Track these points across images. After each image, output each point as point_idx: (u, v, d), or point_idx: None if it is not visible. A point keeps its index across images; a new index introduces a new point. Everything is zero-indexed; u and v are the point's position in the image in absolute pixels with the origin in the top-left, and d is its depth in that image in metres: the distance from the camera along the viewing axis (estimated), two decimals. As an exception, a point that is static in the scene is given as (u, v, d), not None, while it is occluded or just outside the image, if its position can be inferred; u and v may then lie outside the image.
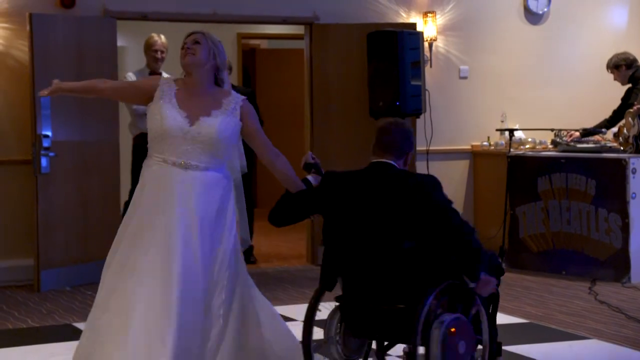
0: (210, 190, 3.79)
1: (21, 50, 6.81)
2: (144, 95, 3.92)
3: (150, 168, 3.85)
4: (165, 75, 7.65)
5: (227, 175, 3.90)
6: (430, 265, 3.69)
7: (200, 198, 3.75)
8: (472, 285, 3.69)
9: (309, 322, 3.82)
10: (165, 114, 3.80)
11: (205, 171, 3.80)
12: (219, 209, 3.80)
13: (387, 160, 3.82)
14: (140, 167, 3.94)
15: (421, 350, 3.63)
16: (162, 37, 7.58)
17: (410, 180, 3.73)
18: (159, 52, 7.51)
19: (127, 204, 7.41)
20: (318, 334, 3.86)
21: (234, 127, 3.85)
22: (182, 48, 3.88)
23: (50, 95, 4.01)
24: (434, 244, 3.69)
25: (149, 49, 7.55)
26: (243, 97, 3.95)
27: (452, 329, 3.60)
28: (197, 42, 3.86)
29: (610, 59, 7.61)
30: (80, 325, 5.50)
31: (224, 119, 3.81)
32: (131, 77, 7.53)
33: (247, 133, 3.92)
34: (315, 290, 3.90)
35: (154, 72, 7.58)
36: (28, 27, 6.61)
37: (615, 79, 7.61)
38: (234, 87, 7.62)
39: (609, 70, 7.62)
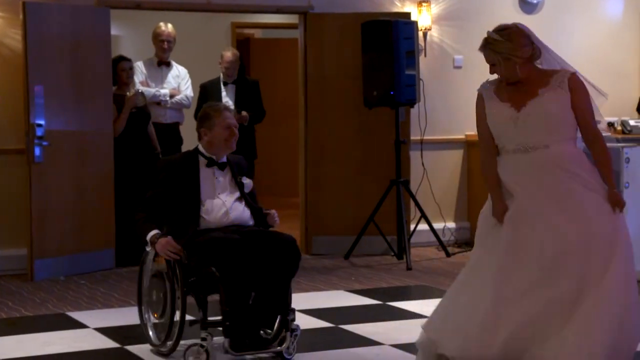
0: None
1: (14, 39, 6.79)
2: None
3: None
4: (175, 65, 7.65)
5: None
6: None
7: None
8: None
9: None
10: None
11: None
12: None
13: None
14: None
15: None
16: (170, 26, 7.54)
17: None
18: (165, 42, 7.49)
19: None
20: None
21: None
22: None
23: None
24: None
25: (156, 38, 7.53)
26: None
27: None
28: (493, 65, 3.94)
29: None
30: (74, 315, 5.51)
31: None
32: (141, 67, 7.52)
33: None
34: None
35: (162, 61, 7.56)
36: (21, 16, 6.58)
37: None
38: (240, 78, 7.75)
39: None
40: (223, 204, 4.54)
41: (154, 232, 4.45)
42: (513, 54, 3.88)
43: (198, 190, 4.53)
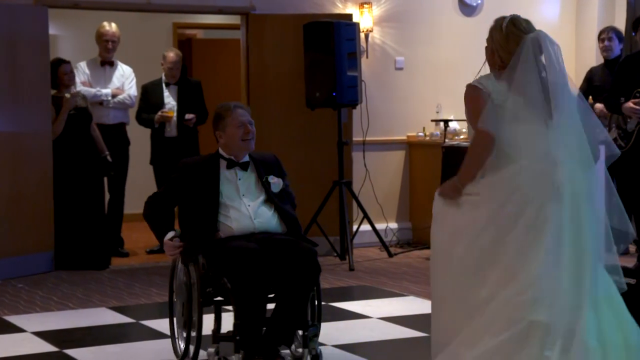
0: None
1: (-51, 38, 6.64)
2: None
3: None
4: (120, 64, 7.56)
5: None
6: None
7: None
8: None
9: None
10: None
11: None
12: None
13: None
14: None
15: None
16: (114, 25, 7.45)
17: None
18: (109, 42, 7.39)
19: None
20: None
21: None
22: None
23: None
24: None
25: (100, 38, 7.43)
26: None
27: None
28: None
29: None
30: (11, 319, 5.41)
31: None
32: (83, 67, 7.41)
33: None
34: None
35: (105, 61, 7.47)
36: (-44, 15, 6.45)
37: None
38: (183, 79, 7.69)
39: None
40: (247, 210, 4.24)
41: (171, 234, 4.20)
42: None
43: (217, 194, 4.22)
